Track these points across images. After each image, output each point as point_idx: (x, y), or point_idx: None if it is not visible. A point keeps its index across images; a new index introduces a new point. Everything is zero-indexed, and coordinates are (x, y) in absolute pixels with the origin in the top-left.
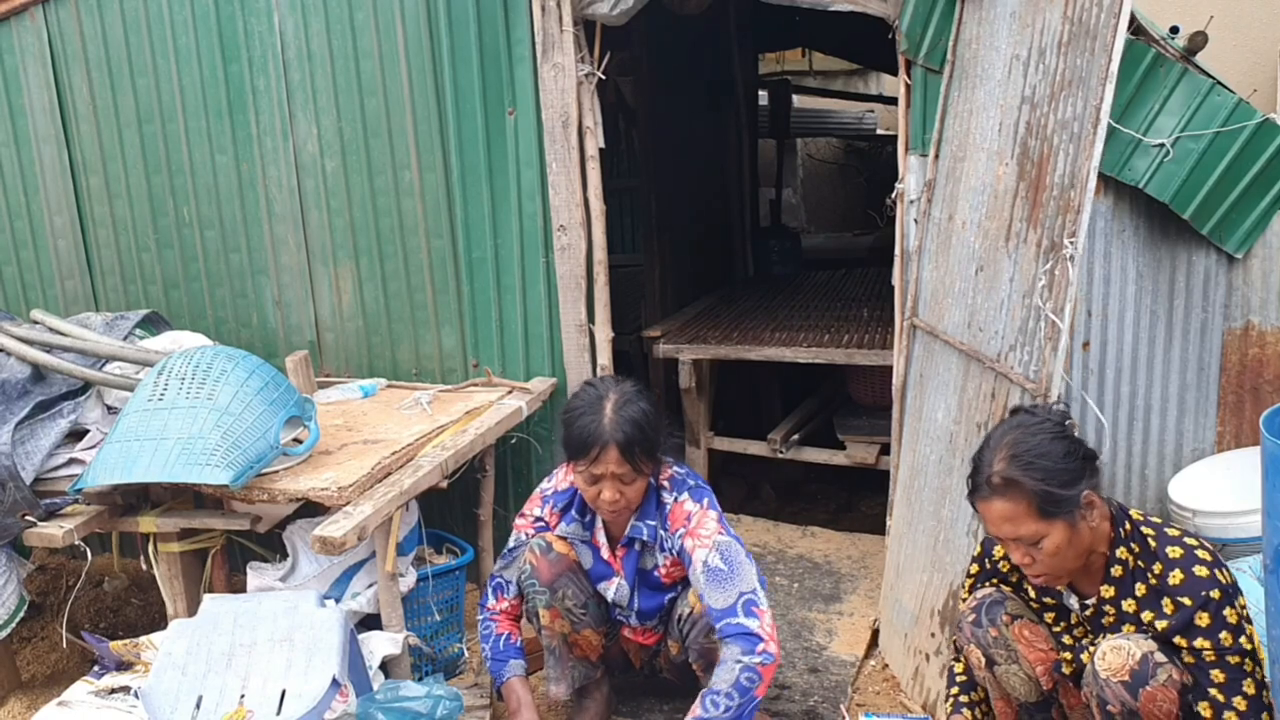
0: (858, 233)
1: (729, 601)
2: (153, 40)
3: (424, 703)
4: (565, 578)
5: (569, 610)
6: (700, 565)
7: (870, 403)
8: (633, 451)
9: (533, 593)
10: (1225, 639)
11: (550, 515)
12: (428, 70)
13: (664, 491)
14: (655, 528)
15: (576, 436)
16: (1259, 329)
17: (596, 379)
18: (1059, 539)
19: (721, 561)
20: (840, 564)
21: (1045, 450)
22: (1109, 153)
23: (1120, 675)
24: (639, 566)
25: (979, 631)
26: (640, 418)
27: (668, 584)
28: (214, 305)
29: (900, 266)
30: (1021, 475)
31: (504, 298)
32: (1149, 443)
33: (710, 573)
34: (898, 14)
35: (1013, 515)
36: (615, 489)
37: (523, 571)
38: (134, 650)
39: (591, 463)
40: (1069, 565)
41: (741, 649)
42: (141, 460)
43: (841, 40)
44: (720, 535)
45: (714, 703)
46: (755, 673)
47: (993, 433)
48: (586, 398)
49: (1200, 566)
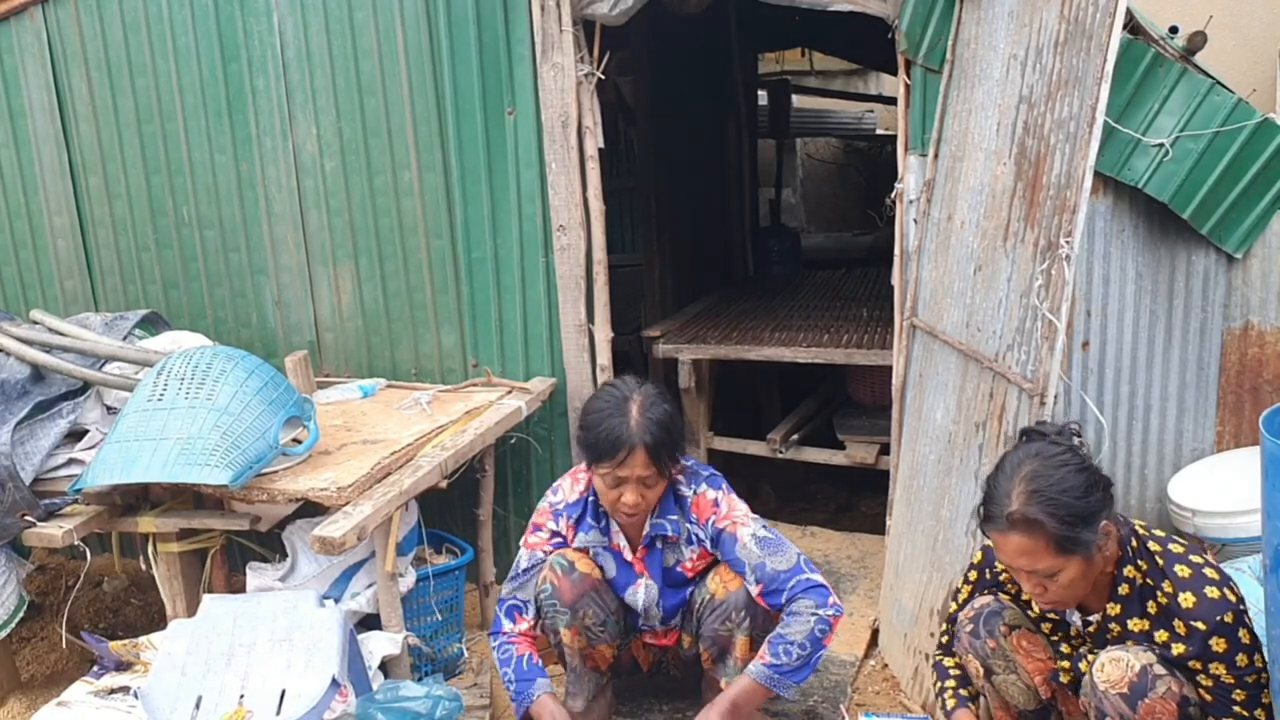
0: (857, 232)
1: (792, 562)
2: (152, 40)
3: (423, 703)
4: (588, 597)
5: (587, 629)
6: (750, 539)
7: (870, 402)
8: (660, 454)
9: (553, 612)
10: (1242, 661)
11: (566, 528)
12: (427, 70)
13: (680, 485)
14: (678, 522)
15: (604, 438)
16: (1258, 329)
17: (618, 380)
18: (1075, 572)
19: (768, 532)
20: (840, 564)
21: (1068, 486)
22: (1108, 152)
23: (1119, 687)
24: (662, 565)
25: (976, 643)
26: (666, 420)
27: (690, 578)
28: (213, 305)
29: (899, 266)
30: (1043, 515)
31: (503, 298)
32: (1148, 442)
33: (762, 542)
34: (897, 14)
35: (1030, 550)
36: (638, 492)
37: (542, 591)
38: (133, 650)
39: (618, 465)
40: (1080, 593)
41: (815, 601)
42: (141, 460)
43: (841, 40)
44: (751, 512)
45: (786, 650)
46: (828, 624)
47: (1008, 458)
48: (611, 399)
49: (1211, 588)
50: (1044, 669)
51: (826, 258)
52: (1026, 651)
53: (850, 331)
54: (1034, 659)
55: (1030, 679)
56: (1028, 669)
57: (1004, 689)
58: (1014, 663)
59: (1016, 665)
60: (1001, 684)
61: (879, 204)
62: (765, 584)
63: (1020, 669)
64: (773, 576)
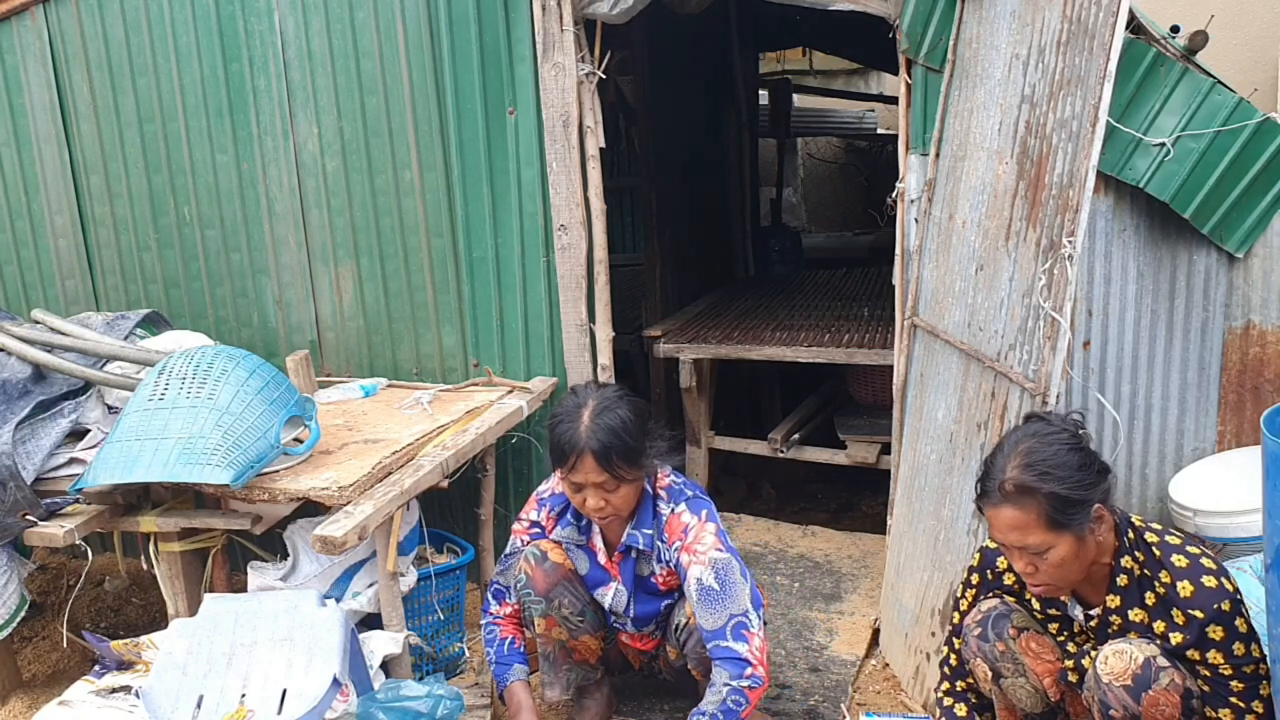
0: (858, 232)
1: (719, 624)
2: (153, 40)
3: (425, 702)
4: (561, 586)
5: (566, 618)
6: (694, 583)
7: (871, 402)
8: (609, 459)
9: (529, 602)
10: (1239, 649)
11: (547, 519)
12: (428, 69)
13: (660, 501)
14: (652, 537)
15: (555, 445)
16: (1260, 328)
17: (580, 386)
18: (1065, 551)
19: (715, 581)
20: (841, 563)
21: (1061, 461)
22: (1110, 152)
23: (1122, 679)
24: (636, 573)
25: (985, 646)
26: (618, 424)
27: (664, 590)
28: (215, 305)
29: (901, 266)
30: (1035, 483)
31: (504, 297)
32: (1149, 442)
33: (703, 592)
34: (898, 13)
35: (1022, 524)
36: (599, 496)
37: (518, 580)
38: (135, 650)
39: (570, 471)
40: (1072, 577)
41: (730, 673)
42: (142, 460)
43: (842, 39)
44: (717, 551)
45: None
46: (743, 695)
47: (1006, 438)
48: (567, 406)
49: (1208, 577)
50: (1053, 670)
51: (827, 257)
52: (1035, 654)
53: (851, 331)
54: (1043, 661)
55: (1039, 681)
56: (1036, 671)
57: (1012, 693)
58: (1022, 665)
59: (1025, 668)
60: (1010, 687)
61: (880, 203)
62: (699, 631)
63: (1029, 671)
64: (700, 628)
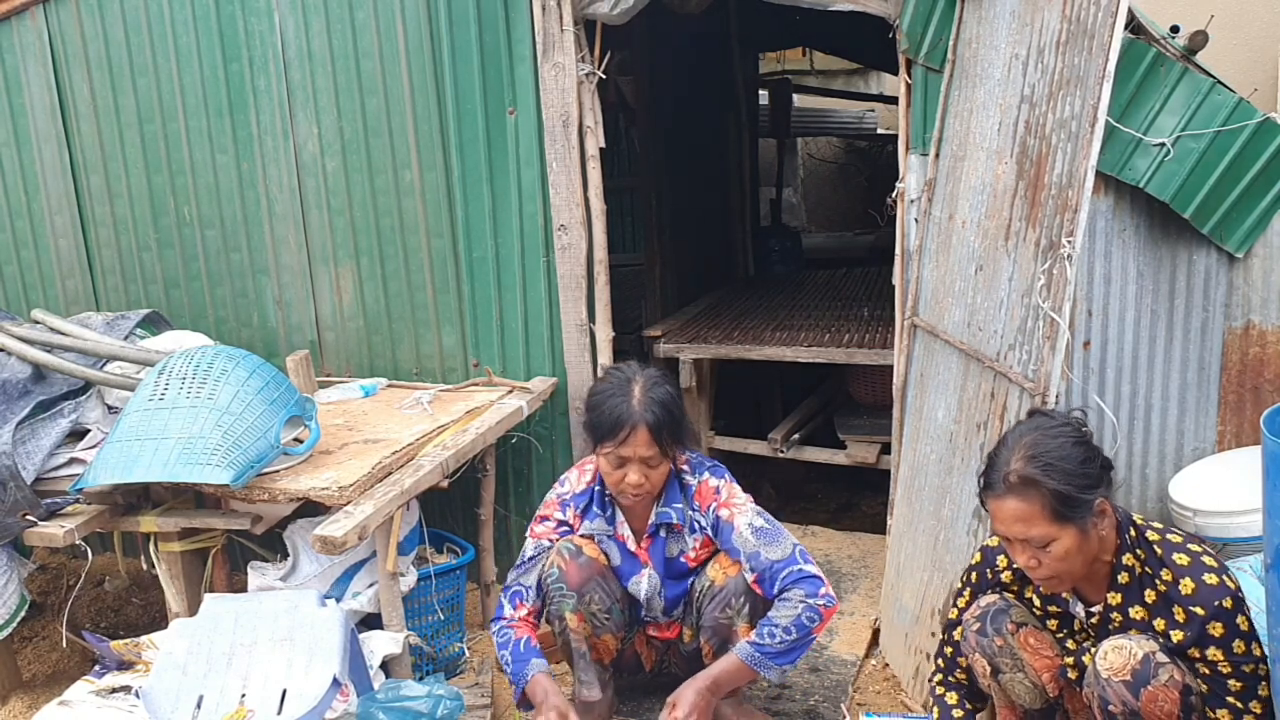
0: (858, 232)
1: (786, 552)
2: (153, 40)
3: (425, 702)
4: (594, 582)
5: (593, 615)
6: (746, 527)
7: (871, 402)
8: (661, 433)
9: (559, 596)
10: (1239, 647)
11: (573, 518)
12: (428, 70)
13: (685, 474)
14: (683, 510)
15: (607, 417)
16: (1260, 328)
17: (621, 364)
18: (1068, 544)
19: (765, 521)
20: (841, 563)
21: (1065, 454)
22: (1109, 152)
23: (1122, 675)
24: (665, 555)
25: (984, 641)
26: (668, 400)
27: (692, 568)
28: (215, 305)
29: (901, 266)
30: (1039, 475)
31: (504, 297)
32: (1149, 442)
33: (759, 532)
34: (898, 13)
35: (1026, 515)
36: (641, 472)
37: (549, 575)
38: (135, 650)
39: (620, 444)
40: (1074, 571)
41: (806, 591)
42: (142, 460)
43: (842, 39)
44: (752, 502)
45: (771, 633)
46: (817, 613)
47: (1010, 432)
48: (614, 380)
49: (1210, 574)
50: (1052, 666)
51: (827, 257)
52: (1034, 649)
53: (851, 331)
54: (1041, 656)
55: (1038, 677)
56: (1035, 666)
57: (1010, 688)
58: (1021, 661)
59: (1024, 663)
60: (1008, 683)
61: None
62: (759, 573)
63: (1028, 667)
64: (766, 565)
